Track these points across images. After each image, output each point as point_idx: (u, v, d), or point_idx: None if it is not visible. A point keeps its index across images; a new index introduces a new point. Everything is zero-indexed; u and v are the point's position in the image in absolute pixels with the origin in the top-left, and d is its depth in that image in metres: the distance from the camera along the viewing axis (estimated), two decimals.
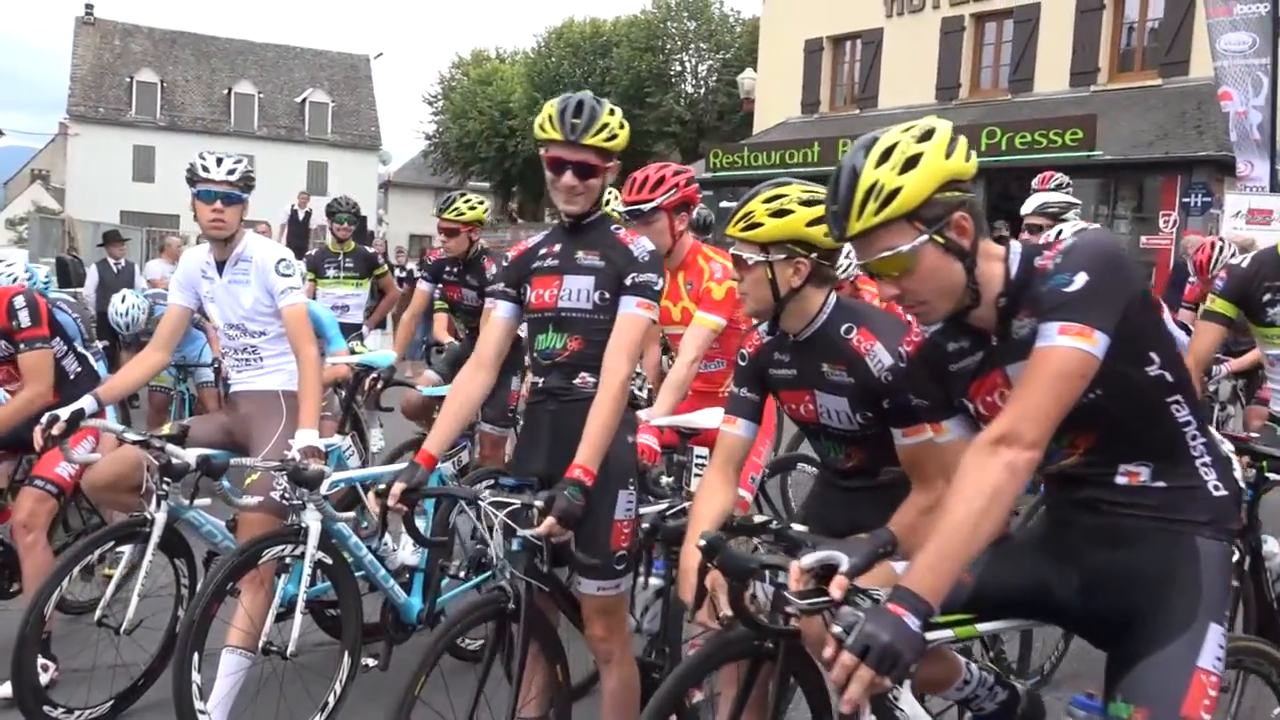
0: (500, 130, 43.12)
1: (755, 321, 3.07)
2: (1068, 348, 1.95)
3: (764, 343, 3.01)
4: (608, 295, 3.14)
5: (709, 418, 3.79)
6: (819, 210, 2.73)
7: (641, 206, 4.14)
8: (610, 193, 5.64)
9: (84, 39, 44.44)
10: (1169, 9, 19.06)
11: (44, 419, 3.90)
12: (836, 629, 1.83)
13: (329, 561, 3.95)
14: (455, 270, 6.15)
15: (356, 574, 4.11)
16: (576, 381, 3.18)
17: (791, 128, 24.64)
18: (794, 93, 25.15)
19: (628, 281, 3.11)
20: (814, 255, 2.77)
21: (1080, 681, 3.98)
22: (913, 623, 1.81)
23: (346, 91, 48.43)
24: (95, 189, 39.02)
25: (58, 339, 4.69)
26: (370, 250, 8.74)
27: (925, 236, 2.09)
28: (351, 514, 4.00)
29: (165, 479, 3.84)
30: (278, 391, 4.24)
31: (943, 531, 1.89)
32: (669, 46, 39.55)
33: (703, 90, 39.48)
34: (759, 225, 2.76)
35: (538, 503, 2.80)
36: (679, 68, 40.07)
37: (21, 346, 4.44)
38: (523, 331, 3.42)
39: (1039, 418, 1.94)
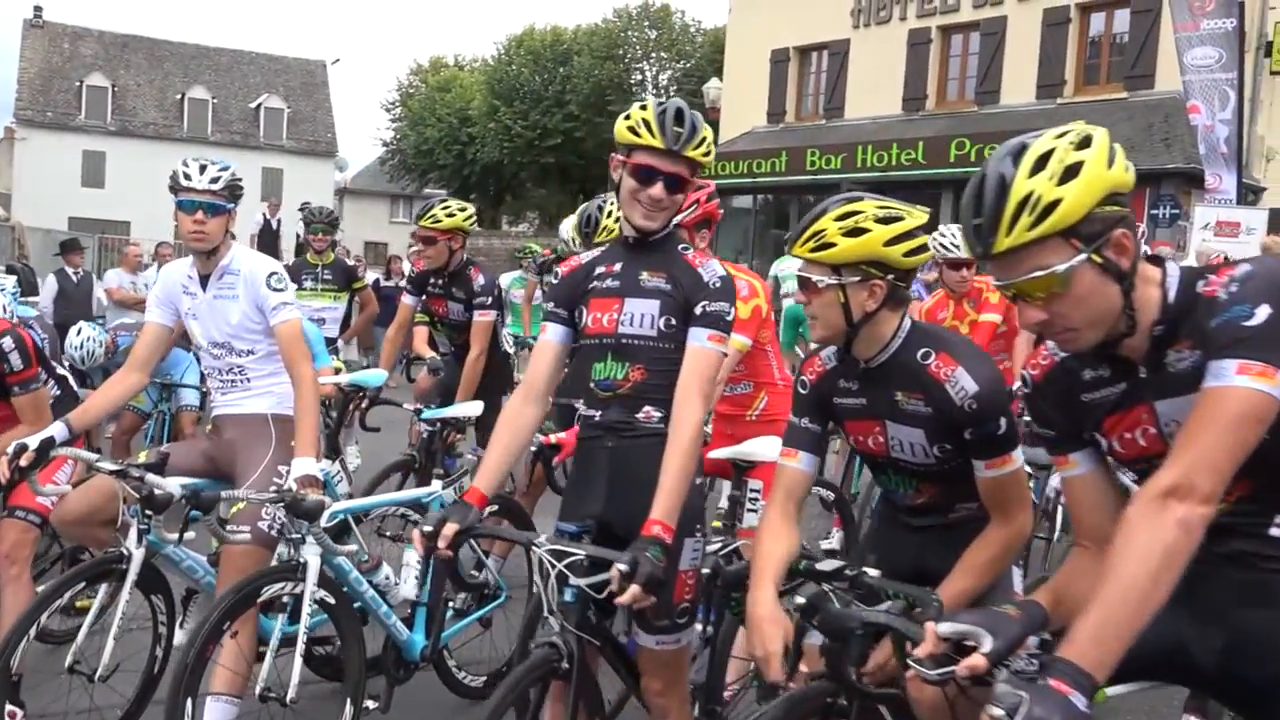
0: (459, 137, 42.79)
1: (816, 346, 2.82)
2: (1247, 389, 1.74)
3: (827, 369, 2.76)
4: (674, 322, 2.87)
5: (766, 448, 3.56)
6: (897, 228, 2.52)
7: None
8: (609, 201, 5.39)
9: (32, 42, 43.44)
10: (1134, 23, 19.17)
11: (10, 448, 3.57)
12: (997, 712, 1.58)
13: (329, 599, 3.66)
14: (440, 283, 5.80)
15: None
16: (639, 416, 2.91)
17: (757, 137, 24.52)
18: (760, 102, 25.03)
19: (697, 310, 2.85)
20: (890, 277, 2.54)
21: None
22: (1080, 702, 1.58)
23: (302, 97, 47.77)
24: (43, 195, 37.99)
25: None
26: (350, 262, 8.42)
27: (1083, 255, 1.87)
28: (352, 547, 3.70)
29: (146, 512, 3.52)
30: (266, 415, 3.94)
31: (1109, 598, 1.66)
32: (630, 55, 39.40)
33: (664, 99, 39.29)
34: (831, 245, 2.52)
35: (621, 566, 2.51)
36: (640, 76, 39.94)
37: (16, 390, 4.06)
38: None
39: (1215, 467, 1.72)
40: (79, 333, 6.96)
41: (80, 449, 3.79)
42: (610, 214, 5.24)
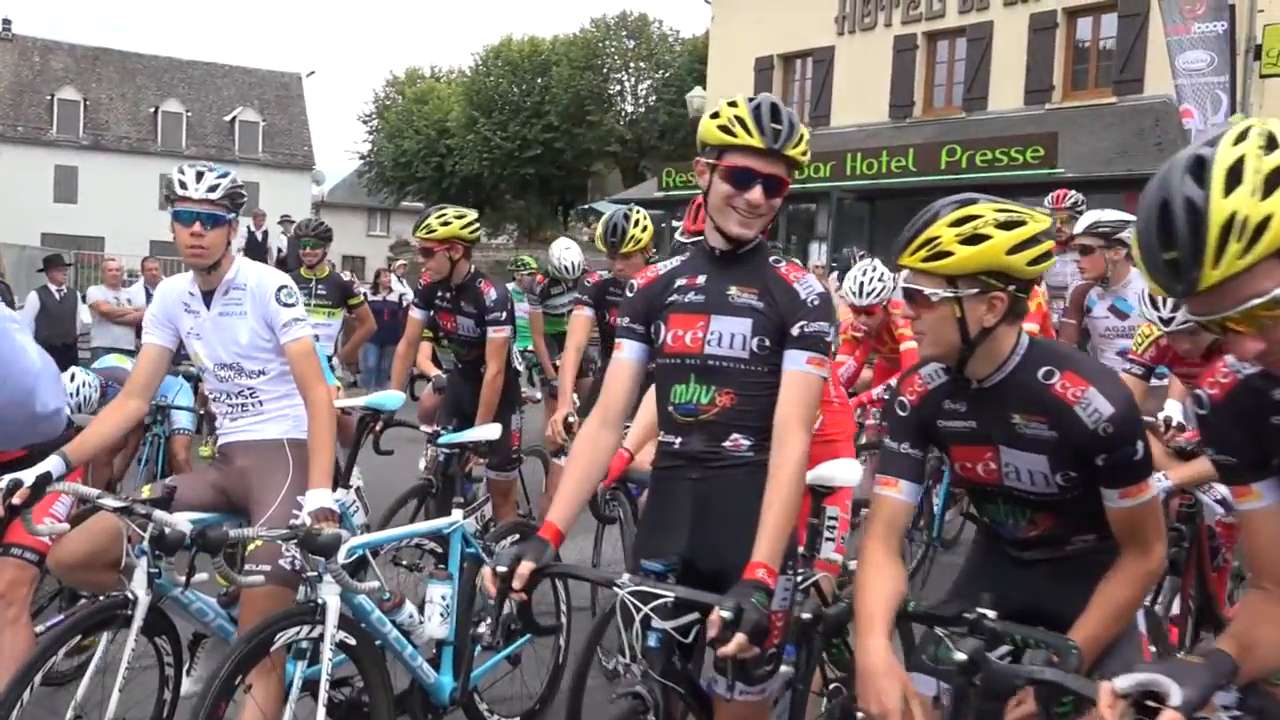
0: (437, 149, 42.47)
1: (922, 364, 2.55)
2: None
3: (929, 389, 2.50)
4: (767, 343, 2.61)
5: (845, 471, 3.32)
6: (1020, 234, 2.26)
7: None
8: (634, 209, 5.12)
9: (2, 55, 42.75)
10: (1122, 28, 19.09)
11: (3, 483, 3.26)
12: None
13: (350, 641, 3.36)
14: (448, 296, 5.48)
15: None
16: (727, 444, 2.64)
17: None
18: None
19: (795, 331, 2.59)
20: (1011, 288, 2.28)
21: None
22: None
23: (278, 110, 47.28)
24: (14, 210, 37.27)
25: None
26: (346, 278, 8.12)
27: None
28: (373, 584, 3.40)
29: (156, 553, 3.21)
30: (281, 441, 3.64)
31: None
32: (608, 65, 39.20)
33: (643, 109, 39.17)
34: (947, 254, 2.25)
35: (725, 614, 2.24)
36: (618, 87, 39.75)
37: None
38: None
39: None
40: (72, 379, 6.62)
41: (78, 482, 3.48)
42: (637, 223, 4.98)
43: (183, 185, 3.52)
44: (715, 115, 2.63)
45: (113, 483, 6.84)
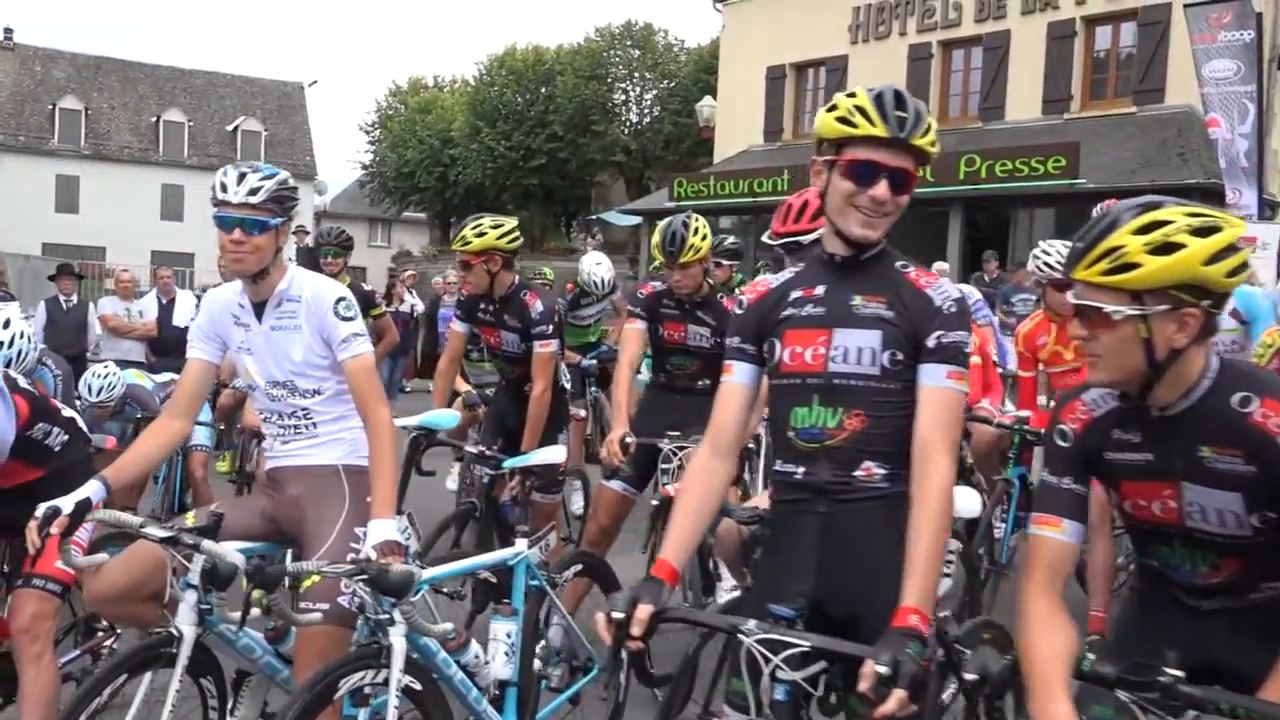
0: (441, 159, 42.25)
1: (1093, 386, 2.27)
2: None
3: (1095, 416, 2.21)
4: (900, 357, 2.34)
5: (966, 501, 3.04)
6: (1217, 242, 1.97)
7: (800, 238, 3.34)
8: (693, 217, 4.82)
9: (2, 65, 42.51)
10: (1142, 37, 18.85)
11: (40, 511, 2.98)
12: None
13: (415, 686, 3.06)
14: (491, 309, 5.14)
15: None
16: (858, 473, 2.36)
17: (755, 155, 24.06)
18: (755, 121, 24.58)
19: (930, 342, 2.32)
20: (1206, 303, 2.00)
21: None
22: None
23: (280, 120, 47.05)
24: (15, 220, 36.94)
25: (40, 423, 3.76)
26: (367, 288, 7.83)
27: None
28: (447, 626, 3.10)
29: (207, 588, 2.92)
30: (337, 467, 3.35)
31: None
32: (613, 75, 38.99)
33: (648, 119, 38.95)
34: (1134, 266, 1.97)
35: (882, 669, 1.95)
36: (623, 96, 39.53)
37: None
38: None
39: None
40: (105, 373, 6.39)
41: (118, 511, 3.19)
42: (697, 231, 4.69)
43: (223, 188, 3.23)
44: (832, 108, 2.38)
45: (127, 507, 6.53)
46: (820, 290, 2.44)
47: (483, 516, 4.85)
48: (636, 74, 39.32)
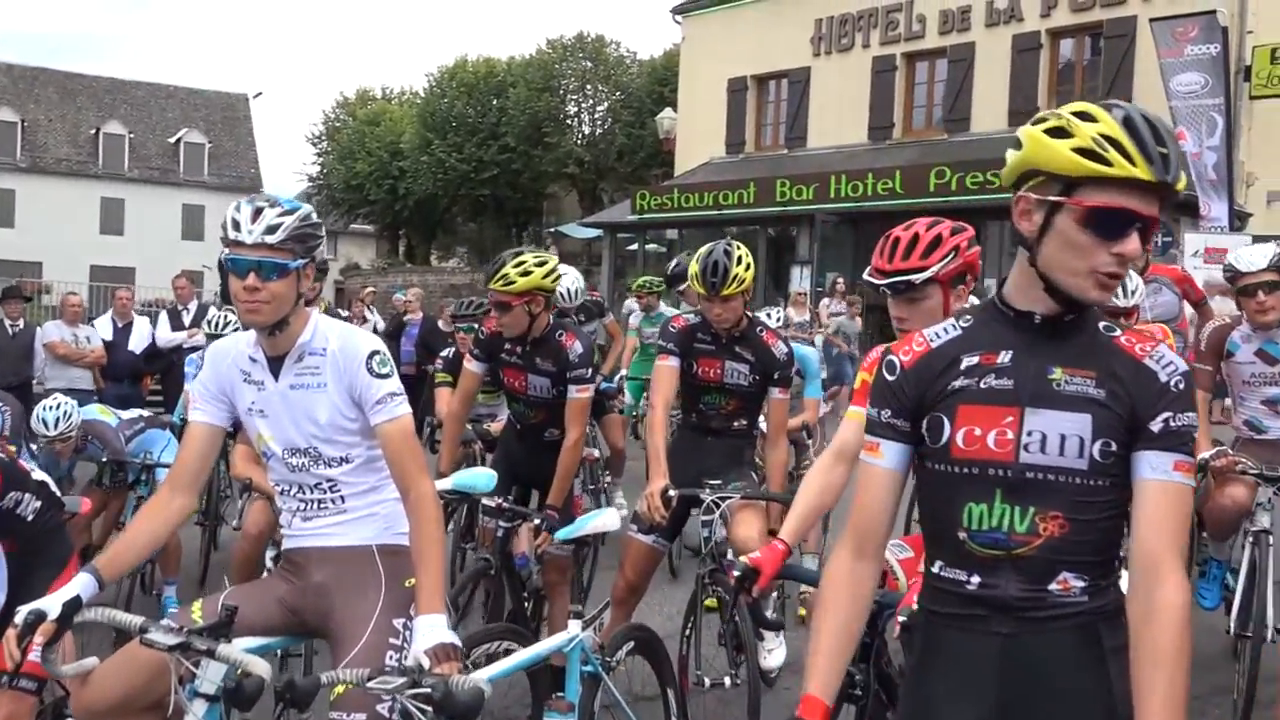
0: (390, 171, 41.51)
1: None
2: None
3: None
4: (1113, 447, 1.88)
5: None
6: None
7: (911, 277, 2.91)
8: (735, 245, 4.40)
9: None
10: (1108, 49, 18.82)
11: (20, 616, 2.48)
12: None
13: None
14: (520, 350, 4.58)
15: None
16: (1053, 587, 1.91)
17: (716, 168, 23.74)
18: (716, 132, 24.27)
19: (1155, 426, 1.87)
20: None
21: None
22: None
23: (224, 131, 46.06)
24: None
25: (11, 491, 3.26)
26: (343, 314, 7.30)
27: None
28: None
29: (228, 707, 2.44)
30: (371, 548, 2.87)
31: None
32: (565, 87, 38.57)
33: (600, 131, 38.56)
34: None
35: None
36: (576, 108, 39.11)
37: None
38: None
39: None
40: (56, 404, 5.83)
41: (110, 609, 2.69)
42: (741, 260, 4.26)
43: (235, 226, 2.72)
44: (1061, 133, 1.85)
45: (91, 550, 5.98)
46: (1005, 358, 1.97)
47: (497, 573, 4.39)
48: (589, 85, 38.92)
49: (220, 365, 2.93)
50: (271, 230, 2.70)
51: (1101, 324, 1.99)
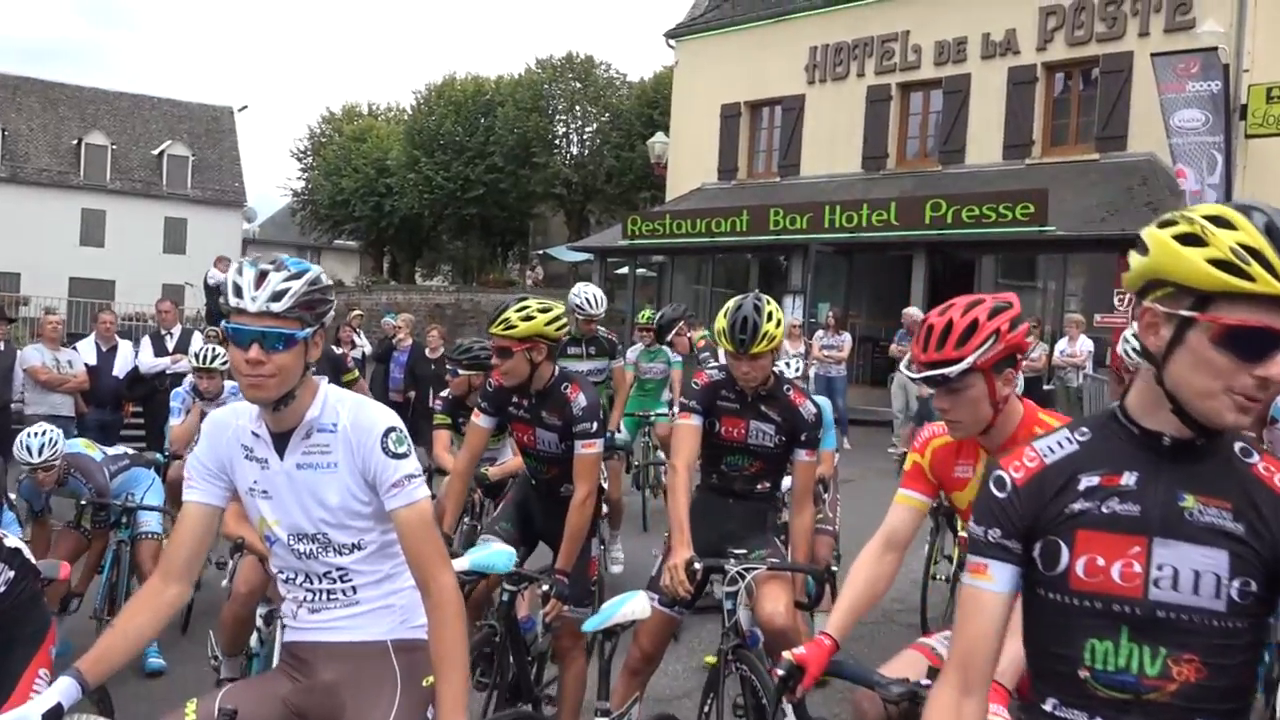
0: (376, 188, 41.21)
1: None
2: None
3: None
4: (1253, 587, 1.69)
5: None
6: None
7: (945, 370, 2.65)
8: (765, 300, 4.15)
9: None
10: (1105, 84, 18.74)
11: None
12: None
13: None
14: (526, 403, 4.37)
15: None
16: None
17: (708, 194, 23.54)
18: (709, 159, 24.10)
19: None
20: None
21: None
22: None
23: (208, 144, 45.60)
24: None
25: None
26: (336, 350, 7.03)
27: None
28: None
29: None
30: (385, 644, 2.60)
31: None
32: (554, 107, 38.41)
33: (588, 152, 38.40)
34: None
35: None
36: (564, 129, 38.95)
37: None
38: None
39: None
40: (40, 430, 5.58)
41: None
42: (770, 315, 4.02)
43: (238, 292, 2.42)
44: (1194, 240, 1.64)
45: (69, 598, 5.67)
46: (1130, 480, 1.76)
47: (502, 639, 4.13)
48: (578, 106, 38.78)
49: (219, 440, 2.65)
50: (277, 297, 2.42)
51: (1237, 445, 1.77)
